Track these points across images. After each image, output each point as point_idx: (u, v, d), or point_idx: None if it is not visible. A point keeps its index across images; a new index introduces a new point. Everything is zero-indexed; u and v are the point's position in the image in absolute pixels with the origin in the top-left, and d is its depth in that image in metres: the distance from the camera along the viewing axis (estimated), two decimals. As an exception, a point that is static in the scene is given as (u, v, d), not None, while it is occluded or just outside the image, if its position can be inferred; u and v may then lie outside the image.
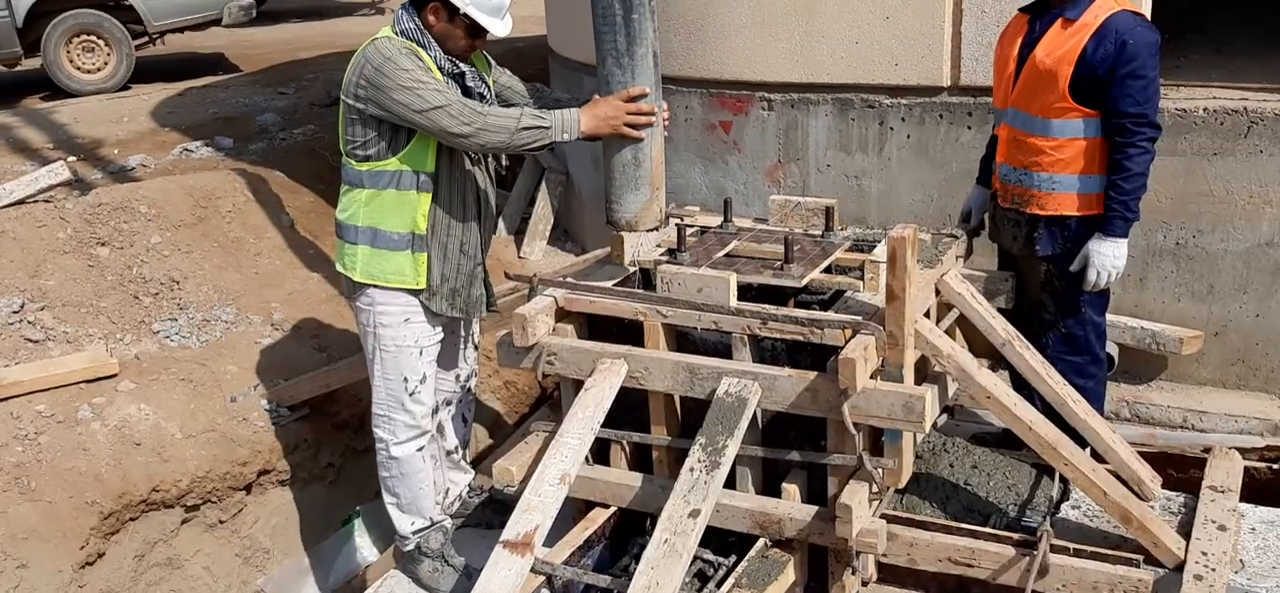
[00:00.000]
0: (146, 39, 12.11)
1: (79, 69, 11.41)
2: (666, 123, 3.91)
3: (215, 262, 5.54)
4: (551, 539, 3.63)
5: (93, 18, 11.39)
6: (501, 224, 6.84)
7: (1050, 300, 3.92)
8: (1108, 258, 3.71)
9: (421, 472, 4.01)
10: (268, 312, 5.38)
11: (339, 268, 3.89)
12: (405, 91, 3.47)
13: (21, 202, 5.71)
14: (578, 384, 3.74)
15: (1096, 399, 3.98)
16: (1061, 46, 3.62)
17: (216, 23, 12.52)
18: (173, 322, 5.13)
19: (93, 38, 11.44)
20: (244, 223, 5.91)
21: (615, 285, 3.87)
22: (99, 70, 11.47)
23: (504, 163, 4.07)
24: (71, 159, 8.10)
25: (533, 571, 3.45)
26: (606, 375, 3.63)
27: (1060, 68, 3.61)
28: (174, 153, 8.30)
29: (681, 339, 3.74)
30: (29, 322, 4.85)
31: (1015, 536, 3.54)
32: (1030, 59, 3.71)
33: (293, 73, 11.66)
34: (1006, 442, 4.05)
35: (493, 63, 3.99)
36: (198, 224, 5.71)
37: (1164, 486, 3.90)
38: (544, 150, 3.87)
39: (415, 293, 3.78)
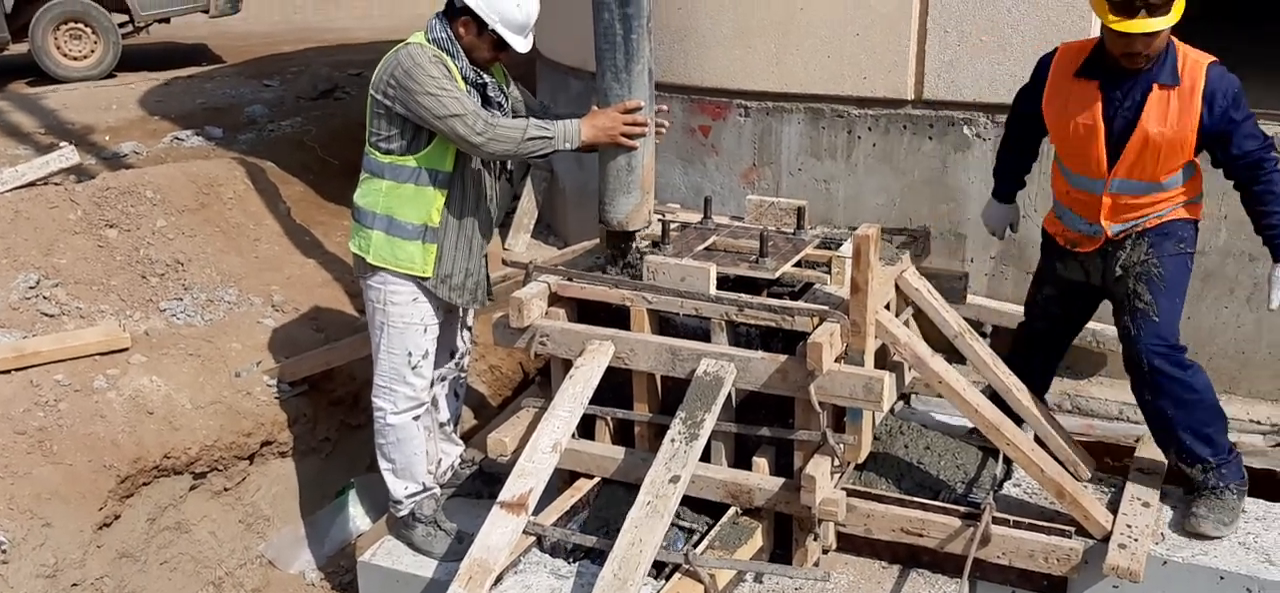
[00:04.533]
0: (132, 28, 12.31)
1: (66, 56, 11.60)
2: (662, 134, 4.25)
3: (217, 245, 5.83)
4: (538, 508, 3.96)
5: (80, 6, 11.60)
6: (486, 217, 7.16)
7: (1146, 288, 3.92)
8: None
9: (416, 439, 4.32)
10: (268, 294, 5.67)
11: (353, 249, 4.18)
12: (429, 97, 3.79)
13: (32, 184, 5.97)
14: (567, 364, 4.08)
15: (1208, 390, 3.96)
16: (1175, 117, 3.68)
17: (204, 12, 12.73)
18: (179, 301, 5.42)
19: (80, 25, 11.64)
20: (244, 210, 6.20)
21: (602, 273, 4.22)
22: (86, 58, 11.67)
23: (510, 166, 4.39)
24: (64, 145, 8.34)
25: (525, 532, 3.80)
26: (595, 355, 3.97)
27: (1185, 138, 3.70)
28: (165, 141, 8.55)
29: (664, 324, 4.09)
30: (44, 297, 5.12)
31: (961, 509, 3.92)
32: (1138, 133, 3.72)
33: (276, 65, 11.91)
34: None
35: (510, 78, 4.33)
36: (200, 210, 6.00)
37: (1101, 470, 4.30)
38: (547, 158, 4.20)
39: (422, 280, 4.11)
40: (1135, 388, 4.01)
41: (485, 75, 4.04)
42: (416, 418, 4.30)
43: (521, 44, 4.01)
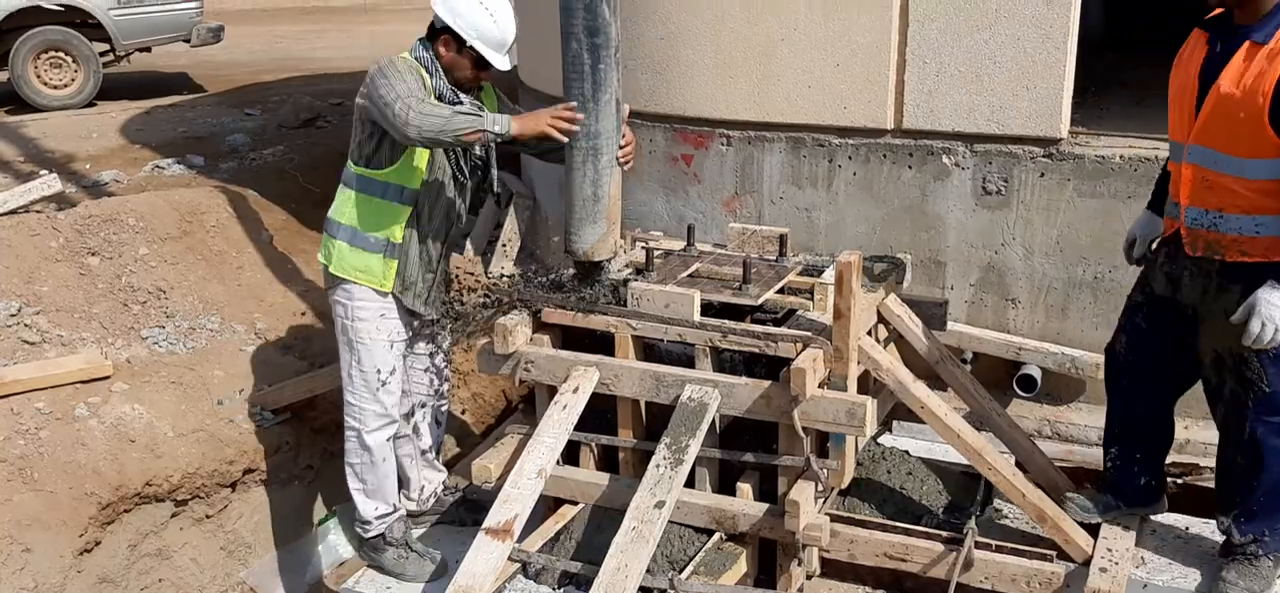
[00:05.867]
0: (113, 57, 12.29)
1: (46, 84, 11.56)
2: (630, 157, 4.20)
3: (200, 273, 5.83)
4: (523, 535, 3.96)
5: (61, 35, 11.57)
6: (469, 245, 7.18)
7: (1254, 357, 3.45)
8: (1277, 308, 3.27)
9: (389, 460, 4.33)
10: (250, 321, 5.67)
11: (320, 259, 4.22)
12: (384, 82, 3.78)
13: (13, 211, 5.95)
14: (552, 390, 4.10)
15: None
16: (1251, 75, 3.24)
17: (185, 41, 12.73)
18: (160, 329, 5.41)
19: (60, 54, 11.61)
20: (227, 237, 6.20)
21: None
22: (66, 86, 11.64)
23: (496, 189, 4.40)
24: (45, 173, 8.31)
25: (510, 558, 3.80)
26: (579, 382, 3.99)
27: (1255, 102, 3.22)
28: (146, 169, 8.54)
29: (648, 350, 4.11)
30: (25, 324, 5.10)
31: (944, 534, 3.94)
32: (1213, 89, 3.32)
33: (258, 94, 11.90)
34: None
35: (502, 97, 4.36)
36: (183, 238, 5.99)
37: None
38: (475, 145, 3.94)
39: (382, 293, 4.12)
40: (1223, 445, 3.77)
41: (461, 95, 4.06)
42: (389, 438, 4.31)
43: (500, 60, 4.04)
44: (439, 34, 4.02)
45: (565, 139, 3.99)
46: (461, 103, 4.04)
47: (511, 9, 4.07)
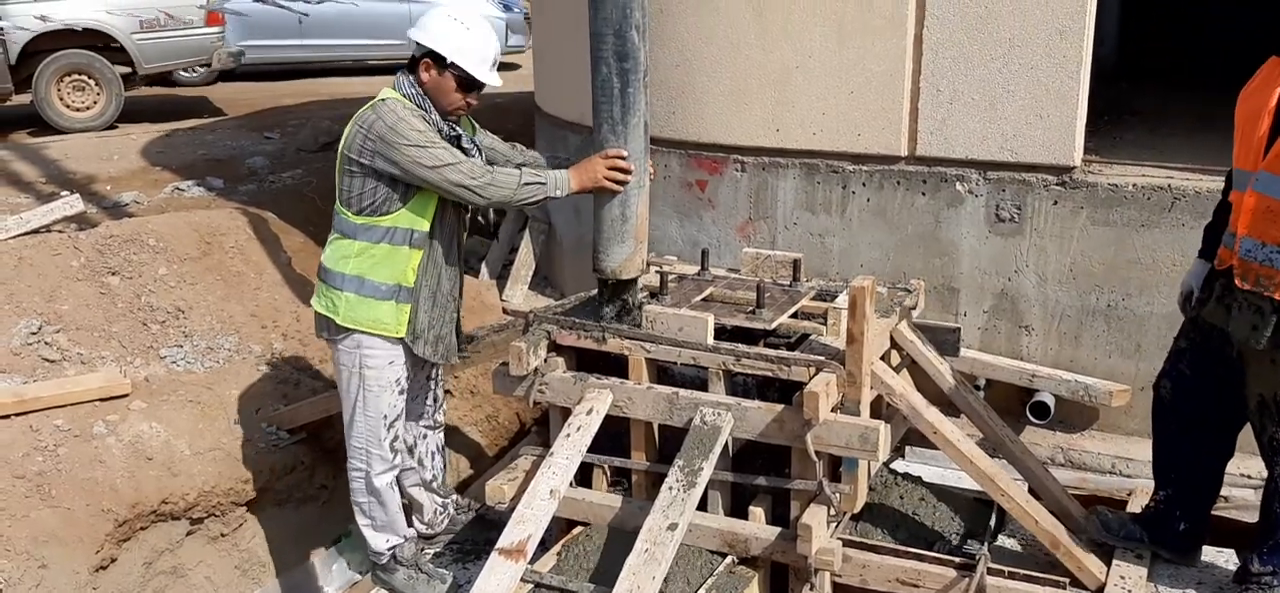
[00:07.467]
0: (135, 80, 12.41)
1: (68, 107, 11.68)
2: (651, 176, 4.29)
3: (218, 294, 5.88)
4: (535, 556, 3.97)
5: (84, 58, 11.70)
6: (485, 269, 7.23)
7: None
8: None
9: (395, 498, 4.36)
10: (268, 342, 5.71)
11: (319, 309, 4.12)
12: (419, 149, 3.80)
13: (36, 231, 6.03)
14: (566, 411, 4.12)
15: None
16: None
17: (206, 66, 12.86)
18: (179, 348, 5.45)
19: (83, 77, 11.74)
20: (246, 259, 6.25)
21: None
22: (88, 109, 11.75)
23: (491, 217, 4.43)
24: (66, 193, 8.39)
25: (523, 580, 3.81)
26: (593, 403, 4.02)
27: None
28: (166, 191, 8.61)
29: (662, 373, 4.14)
30: (46, 342, 5.16)
31: (956, 560, 3.94)
32: None
33: (277, 118, 11.99)
34: None
35: (476, 126, 4.33)
36: (202, 258, 6.04)
37: (1093, 522, 4.33)
38: (538, 205, 4.22)
39: (395, 341, 4.10)
40: (1268, 486, 3.74)
41: (458, 127, 4.08)
42: (391, 481, 4.33)
43: (488, 76, 3.99)
44: (419, 61, 3.95)
45: (621, 190, 4.05)
46: (458, 135, 4.05)
47: (490, 27, 4.04)
